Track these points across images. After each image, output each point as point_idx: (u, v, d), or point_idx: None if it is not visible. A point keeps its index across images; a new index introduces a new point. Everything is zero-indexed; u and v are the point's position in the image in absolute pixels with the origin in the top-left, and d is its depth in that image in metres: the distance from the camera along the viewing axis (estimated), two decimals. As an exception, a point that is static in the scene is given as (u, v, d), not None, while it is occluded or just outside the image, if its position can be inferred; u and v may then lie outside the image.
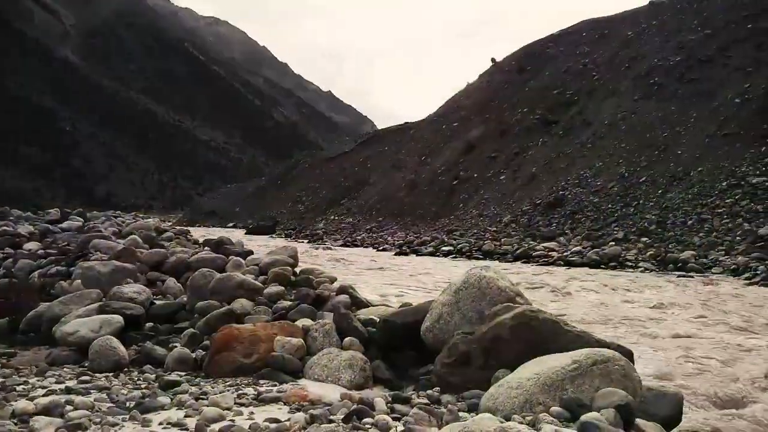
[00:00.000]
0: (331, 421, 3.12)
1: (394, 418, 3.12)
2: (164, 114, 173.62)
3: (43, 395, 3.70)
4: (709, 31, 32.26)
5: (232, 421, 3.25)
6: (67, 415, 3.23)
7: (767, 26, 28.86)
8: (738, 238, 18.89)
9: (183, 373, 4.47)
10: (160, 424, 3.22)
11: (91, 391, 3.87)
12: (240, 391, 3.90)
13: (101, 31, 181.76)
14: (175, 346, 4.97)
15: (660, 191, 24.33)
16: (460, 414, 3.23)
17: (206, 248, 8.18)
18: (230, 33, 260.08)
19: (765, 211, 19.47)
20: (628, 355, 3.61)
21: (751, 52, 28.37)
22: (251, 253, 7.83)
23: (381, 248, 29.03)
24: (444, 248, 25.51)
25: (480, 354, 3.86)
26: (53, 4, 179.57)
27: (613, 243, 21.28)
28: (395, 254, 25.93)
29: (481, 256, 22.70)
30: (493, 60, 51.78)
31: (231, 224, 63.28)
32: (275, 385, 4.08)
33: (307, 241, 37.17)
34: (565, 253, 20.80)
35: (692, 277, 15.83)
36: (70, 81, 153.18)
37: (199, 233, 23.57)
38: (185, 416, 3.33)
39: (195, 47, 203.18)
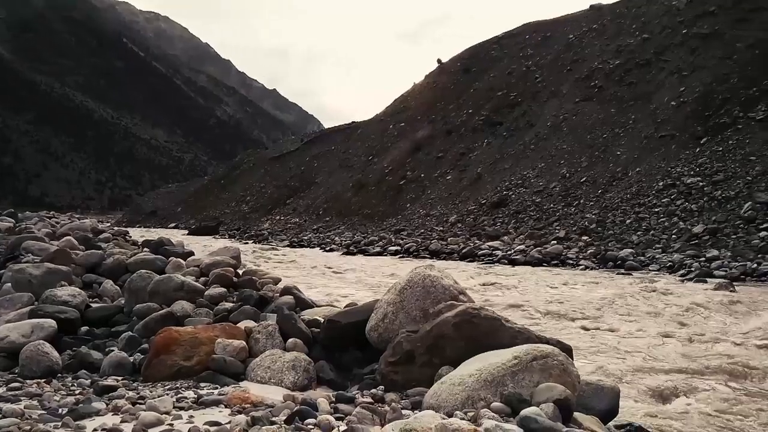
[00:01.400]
0: (273, 423, 3.06)
1: (337, 418, 3.10)
2: (102, 111, 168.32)
3: (-31, 404, 3.52)
4: (646, 36, 33.44)
5: (171, 425, 3.16)
6: (-6, 423, 3.08)
7: (701, 32, 30.10)
8: (674, 236, 19.65)
9: (120, 378, 4.34)
10: (95, 430, 3.11)
11: (21, 398, 3.71)
12: (180, 395, 3.79)
13: (34, 25, 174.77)
14: (112, 351, 4.81)
15: (600, 191, 25.08)
16: (404, 412, 3.23)
17: (145, 249, 7.95)
18: (171, 28, 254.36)
19: (699, 210, 20.31)
20: (568, 350, 3.69)
21: (686, 57, 29.57)
22: (192, 254, 7.64)
23: (328, 248, 28.92)
24: (391, 248, 25.62)
25: (424, 352, 3.87)
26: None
27: (555, 242, 21.81)
28: (342, 254, 25.89)
29: (428, 256, 22.91)
30: (439, 61, 52.37)
31: (173, 225, 62.04)
32: (216, 388, 3.99)
33: (252, 241, 36.71)
34: (509, 252, 21.21)
35: (630, 274, 16.37)
36: (0, 76, 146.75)
37: (138, 234, 22.96)
38: (121, 421, 3.23)
39: (134, 42, 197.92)
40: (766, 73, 24.59)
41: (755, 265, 15.57)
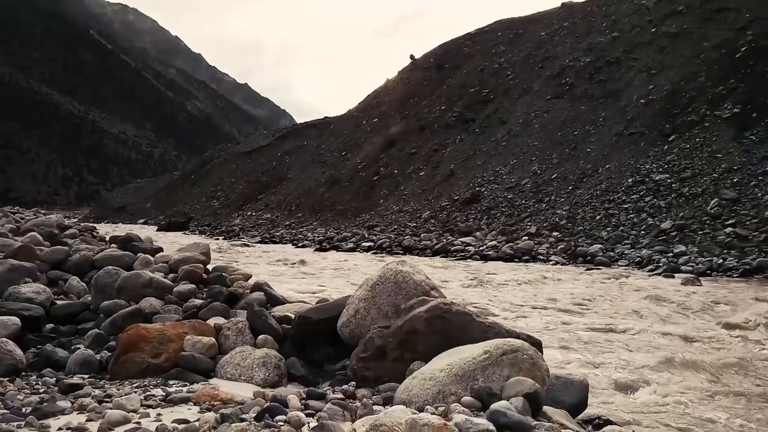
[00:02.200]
0: (242, 420, 3.04)
1: (308, 414, 3.08)
2: (69, 105, 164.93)
3: (-73, 404, 3.42)
4: (616, 34, 33.89)
5: (138, 423, 3.12)
6: (-46, 424, 2.99)
7: (669, 31, 30.61)
8: (642, 232, 19.99)
9: (86, 376, 4.27)
10: (60, 429, 3.05)
11: (-17, 398, 3.61)
12: (147, 393, 3.74)
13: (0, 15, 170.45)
14: (78, 348, 4.72)
15: (570, 187, 25.39)
16: (375, 407, 3.23)
17: (113, 245, 7.80)
18: (140, 21, 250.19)
19: (667, 207, 20.69)
20: (537, 344, 3.73)
21: (655, 55, 30.05)
22: (161, 250, 7.53)
23: (300, 244, 28.79)
24: (364, 244, 25.61)
25: (395, 347, 3.88)
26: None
27: (527, 237, 22.03)
28: (315, 250, 25.79)
29: (401, 252, 22.95)
30: (412, 57, 52.36)
31: (142, 221, 61.20)
32: (185, 386, 3.95)
33: (222, 237, 36.38)
34: (481, 248, 21.36)
35: (600, 269, 16.61)
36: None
37: (106, 230, 22.58)
38: (87, 420, 3.18)
39: (102, 35, 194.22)
40: (732, 73, 25.12)
41: (721, 261, 15.94)
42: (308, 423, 2.90)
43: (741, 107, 23.13)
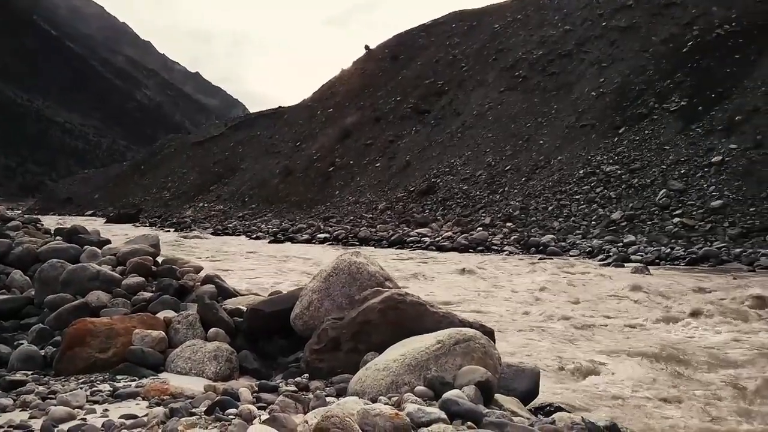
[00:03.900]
0: (192, 414, 2.97)
1: (259, 407, 3.04)
2: (11, 93, 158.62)
3: None
4: (568, 27, 34.47)
5: (84, 419, 3.02)
6: None
7: (619, 25, 31.30)
8: (593, 222, 20.47)
9: (30, 373, 4.14)
10: (1, 427, 2.93)
11: None
12: (94, 388, 3.65)
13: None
14: (22, 344, 4.58)
15: (523, 179, 25.78)
16: (328, 399, 3.20)
17: (58, 238, 7.55)
18: (85, 7, 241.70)
19: (617, 198, 21.22)
20: (490, 333, 3.76)
21: (606, 49, 30.70)
22: (109, 242, 7.31)
23: (254, 236, 28.49)
24: (320, 235, 25.50)
25: (349, 338, 3.86)
26: None
27: (481, 228, 22.30)
28: (270, 242, 25.56)
29: (357, 243, 22.94)
30: (367, 47, 52.20)
31: (90, 212, 59.56)
32: (134, 380, 3.86)
33: (174, 229, 35.73)
34: (437, 239, 21.53)
35: (552, 259, 16.93)
36: None
37: (52, 222, 21.90)
38: (30, 417, 3.07)
39: (46, 21, 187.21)
40: (679, 66, 25.87)
41: (669, 250, 16.47)
42: (260, 416, 2.86)
43: (687, 100, 23.86)
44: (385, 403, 2.76)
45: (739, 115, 21.41)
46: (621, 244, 17.77)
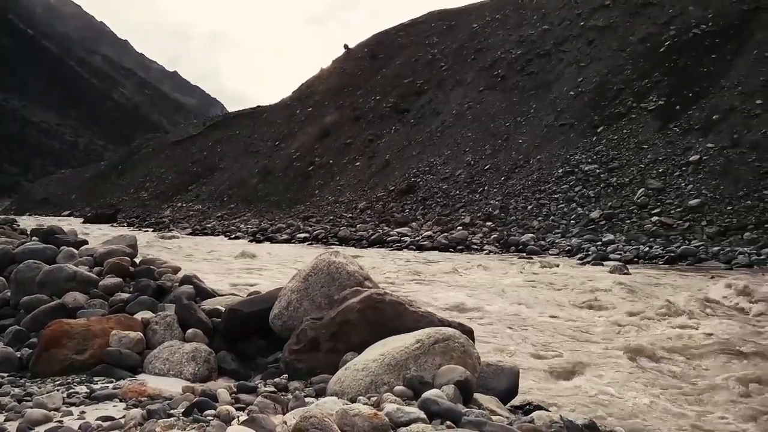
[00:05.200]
0: (170, 416, 2.95)
1: (238, 408, 3.02)
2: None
3: None
4: (546, 27, 34.73)
5: (60, 422, 3.00)
6: None
7: (597, 25, 31.60)
8: (572, 221, 20.64)
9: (5, 375, 4.10)
10: (-25, 430, 2.88)
11: None
12: (71, 390, 3.61)
13: None
14: (-4, 346, 4.49)
15: (503, 178, 25.93)
16: (307, 399, 3.19)
17: (34, 238, 7.43)
18: (62, 5, 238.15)
19: (596, 197, 21.42)
20: (469, 332, 3.77)
21: (584, 48, 30.98)
22: (86, 242, 7.21)
23: (233, 236, 28.31)
24: (300, 235, 25.42)
25: (328, 338, 3.85)
26: None
27: (461, 227, 22.39)
28: (249, 242, 25.41)
29: (337, 243, 22.89)
30: (346, 46, 52.15)
31: (67, 213, 58.80)
32: (111, 382, 3.83)
33: (152, 229, 35.37)
34: (417, 238, 21.56)
35: (531, 258, 17.03)
36: None
37: (28, 223, 21.57)
38: (5, 420, 3.05)
39: (21, 20, 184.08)
40: (656, 66, 26.19)
41: (647, 248, 16.65)
42: (238, 416, 2.84)
43: (665, 100, 24.17)
44: (364, 403, 2.75)
45: (716, 114, 21.75)
46: (600, 242, 17.93)
